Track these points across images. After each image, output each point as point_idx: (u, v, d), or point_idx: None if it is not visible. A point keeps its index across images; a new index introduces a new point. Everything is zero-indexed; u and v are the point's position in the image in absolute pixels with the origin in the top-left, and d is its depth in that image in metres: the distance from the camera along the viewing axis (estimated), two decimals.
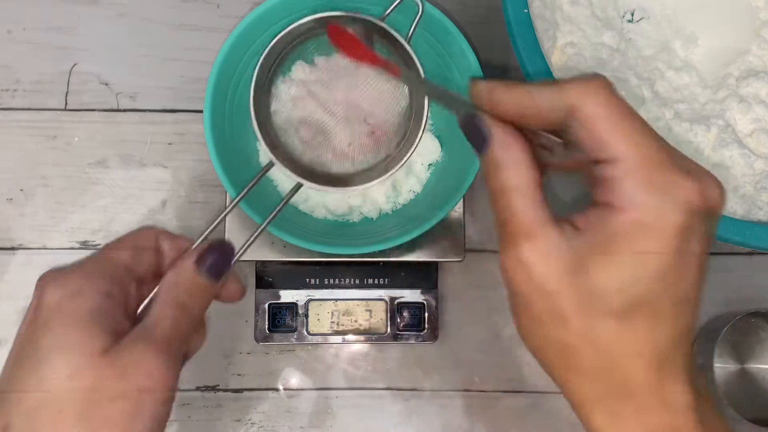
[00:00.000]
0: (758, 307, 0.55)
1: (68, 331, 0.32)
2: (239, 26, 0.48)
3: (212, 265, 0.36)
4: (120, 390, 0.32)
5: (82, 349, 0.32)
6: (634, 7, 0.51)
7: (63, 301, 0.33)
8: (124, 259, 0.36)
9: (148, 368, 0.33)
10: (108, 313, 0.34)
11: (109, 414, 0.32)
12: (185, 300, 0.35)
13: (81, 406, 0.31)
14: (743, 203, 0.48)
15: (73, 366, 0.32)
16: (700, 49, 0.51)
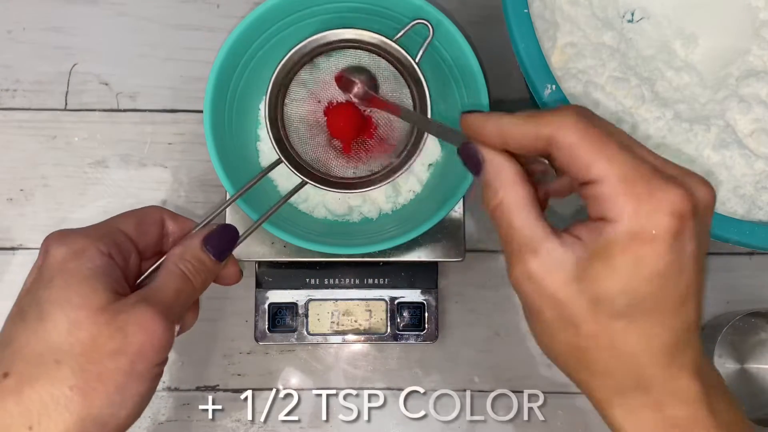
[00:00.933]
0: (758, 307, 0.55)
1: (70, 287, 0.34)
2: (239, 26, 0.48)
3: (218, 244, 0.39)
4: (118, 346, 0.33)
5: (83, 304, 0.33)
6: (634, 7, 0.51)
7: (66, 258, 0.34)
8: (128, 229, 0.38)
9: (149, 328, 0.34)
10: (109, 273, 0.35)
11: (106, 368, 0.33)
12: (190, 273, 0.37)
13: (78, 358, 0.33)
14: (743, 203, 0.48)
15: (72, 320, 0.33)
16: (700, 49, 0.51)
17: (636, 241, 0.29)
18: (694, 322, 0.32)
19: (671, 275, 0.30)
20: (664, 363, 0.31)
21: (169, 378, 0.57)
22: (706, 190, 0.31)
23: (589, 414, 0.58)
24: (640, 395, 0.32)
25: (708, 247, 0.32)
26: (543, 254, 0.31)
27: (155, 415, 0.57)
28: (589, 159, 0.30)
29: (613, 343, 0.31)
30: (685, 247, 0.30)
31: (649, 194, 0.29)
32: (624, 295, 0.30)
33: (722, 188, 0.48)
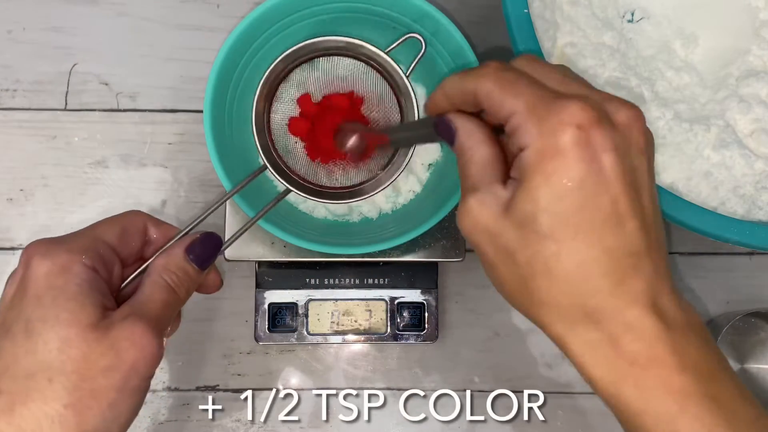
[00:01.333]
0: (758, 307, 0.55)
1: (57, 304, 0.33)
2: (239, 26, 0.48)
3: (201, 253, 0.39)
4: (110, 363, 0.33)
5: (73, 323, 0.33)
6: (634, 7, 0.51)
7: (51, 274, 0.34)
8: (110, 239, 0.38)
9: (140, 343, 0.34)
10: (96, 288, 0.35)
11: (99, 385, 0.33)
12: (174, 284, 0.37)
13: (71, 376, 0.33)
14: (743, 203, 0.48)
15: (63, 337, 0.33)
16: (700, 49, 0.51)
17: (544, 159, 0.29)
18: (642, 248, 0.30)
19: (588, 190, 0.29)
20: (607, 291, 0.30)
21: (169, 378, 0.57)
22: (627, 111, 0.31)
23: (590, 414, 0.58)
24: (593, 328, 0.31)
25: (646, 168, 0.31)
26: (481, 192, 0.32)
27: (155, 415, 0.57)
28: (502, 99, 0.31)
29: (549, 269, 0.30)
30: (599, 160, 0.29)
31: (550, 113, 0.30)
32: (543, 214, 0.30)
33: (722, 188, 0.48)
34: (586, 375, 0.31)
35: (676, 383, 0.30)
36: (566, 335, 0.31)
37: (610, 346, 0.30)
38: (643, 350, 0.30)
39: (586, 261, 0.30)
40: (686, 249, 0.59)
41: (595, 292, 0.30)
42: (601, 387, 0.31)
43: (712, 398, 0.30)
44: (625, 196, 0.30)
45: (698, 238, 0.46)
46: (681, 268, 0.59)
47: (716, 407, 0.30)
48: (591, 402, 0.58)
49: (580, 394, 0.58)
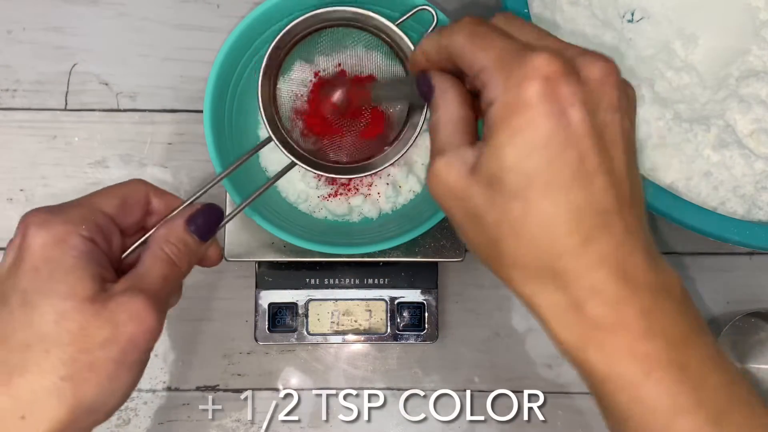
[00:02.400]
0: (758, 307, 0.55)
1: (54, 277, 0.33)
2: (239, 26, 0.48)
3: (202, 224, 0.38)
4: (109, 336, 0.33)
5: (70, 295, 0.33)
6: (634, 7, 0.51)
7: (48, 245, 0.34)
8: (110, 209, 0.37)
9: (139, 317, 0.33)
10: (94, 260, 0.34)
11: (97, 358, 0.33)
12: (175, 257, 0.37)
13: (68, 348, 0.32)
14: (743, 203, 0.48)
15: (59, 310, 0.32)
16: (700, 49, 0.51)
17: (510, 114, 0.28)
18: (612, 206, 0.29)
19: (555, 146, 0.28)
20: (573, 251, 0.29)
21: (169, 378, 0.57)
22: (600, 65, 0.30)
23: (589, 414, 0.58)
24: (559, 291, 0.29)
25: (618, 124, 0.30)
26: (449, 154, 0.31)
27: (155, 415, 0.57)
28: (472, 53, 0.31)
29: (515, 229, 0.29)
30: (567, 115, 0.28)
31: (518, 65, 0.28)
32: (510, 172, 0.29)
33: (722, 188, 0.48)
34: (553, 338, 0.31)
35: (641, 349, 0.29)
36: (534, 297, 0.30)
37: (576, 309, 0.29)
38: (607, 314, 0.29)
39: (553, 220, 0.29)
40: (686, 249, 0.59)
41: (561, 252, 0.29)
42: (567, 351, 0.30)
43: (680, 365, 0.29)
44: (592, 151, 0.28)
45: (698, 238, 0.46)
46: (681, 268, 0.59)
47: (683, 374, 0.29)
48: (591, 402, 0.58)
49: (580, 394, 0.58)
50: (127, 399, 0.35)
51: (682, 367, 0.29)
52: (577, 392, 0.58)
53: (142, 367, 0.35)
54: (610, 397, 0.30)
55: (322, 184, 0.53)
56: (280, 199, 0.54)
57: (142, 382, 0.56)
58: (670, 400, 0.29)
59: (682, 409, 0.29)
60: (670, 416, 0.29)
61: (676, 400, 0.29)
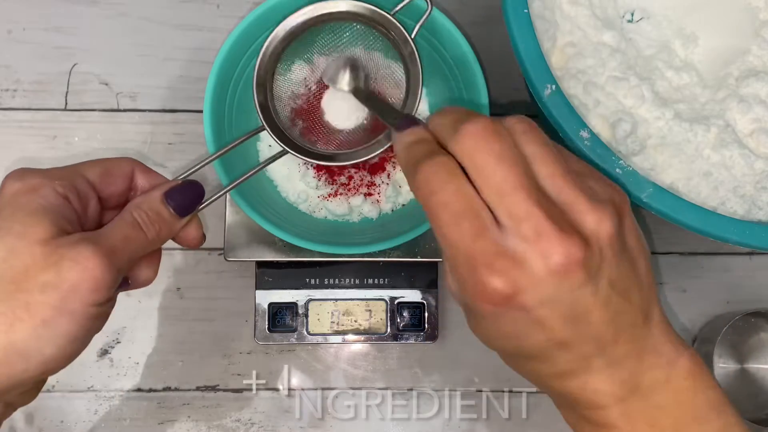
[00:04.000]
0: (758, 307, 0.55)
1: (15, 217, 0.33)
2: (239, 26, 0.48)
3: (180, 199, 0.38)
4: (50, 279, 0.32)
5: (23, 235, 0.33)
6: (634, 7, 0.51)
7: (19, 193, 0.34)
8: (91, 176, 0.37)
9: (85, 265, 0.33)
10: (60, 212, 0.34)
11: (35, 300, 0.32)
12: (143, 222, 0.37)
13: (8, 286, 0.32)
14: (743, 203, 0.48)
15: (9, 247, 0.32)
16: (700, 49, 0.51)
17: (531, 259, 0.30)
18: (592, 353, 0.32)
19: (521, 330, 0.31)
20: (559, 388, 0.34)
21: (169, 378, 0.57)
22: (594, 216, 0.30)
23: None
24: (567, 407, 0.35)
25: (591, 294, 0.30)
26: (451, 276, 0.35)
27: (155, 415, 0.57)
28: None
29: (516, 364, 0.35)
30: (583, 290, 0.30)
31: (479, 282, 0.31)
32: (488, 343, 0.35)
33: (722, 188, 0.48)
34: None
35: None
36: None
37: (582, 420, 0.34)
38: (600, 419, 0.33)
39: (540, 375, 0.34)
40: (686, 249, 0.59)
41: (553, 385, 0.34)
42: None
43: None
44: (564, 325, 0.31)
45: (698, 238, 0.46)
46: (681, 268, 0.59)
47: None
48: None
49: None
50: (72, 356, 0.34)
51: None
52: None
53: (91, 323, 0.34)
54: None
55: (322, 184, 0.53)
56: (280, 199, 0.54)
57: (142, 382, 0.57)
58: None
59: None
60: None
61: None
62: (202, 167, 0.41)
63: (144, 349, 0.57)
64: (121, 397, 0.57)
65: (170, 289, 0.58)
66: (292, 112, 0.47)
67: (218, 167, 0.47)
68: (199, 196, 0.39)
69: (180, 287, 0.58)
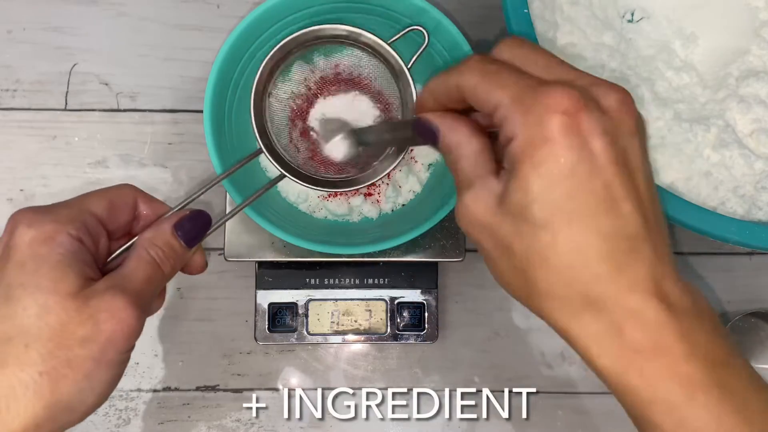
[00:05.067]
0: (758, 307, 0.55)
1: (40, 272, 0.33)
2: (239, 26, 0.48)
3: (190, 230, 0.38)
4: (88, 333, 0.33)
5: (53, 289, 0.33)
6: (634, 7, 0.51)
7: (35, 242, 0.34)
8: (99, 211, 0.37)
9: (120, 316, 0.33)
10: (80, 258, 0.34)
11: (76, 355, 0.33)
12: (160, 260, 0.37)
13: (47, 343, 0.32)
14: (743, 203, 0.48)
15: (42, 304, 0.32)
16: (700, 49, 0.51)
17: (533, 148, 0.29)
18: (641, 231, 0.29)
19: (580, 176, 0.29)
20: (608, 277, 0.29)
21: (169, 378, 0.57)
22: (615, 94, 0.30)
23: (589, 414, 0.58)
24: (595, 317, 0.30)
25: (638, 150, 0.30)
26: (476, 187, 0.32)
27: (155, 415, 0.57)
28: (487, 92, 0.31)
29: (546, 259, 0.30)
30: (590, 145, 0.29)
31: (535, 101, 0.29)
32: (536, 203, 0.29)
33: (722, 188, 0.48)
34: (592, 366, 0.31)
35: (684, 371, 0.29)
36: (569, 326, 0.30)
37: (614, 335, 0.30)
38: (648, 338, 0.29)
39: (583, 247, 0.29)
40: (686, 249, 0.59)
41: (595, 279, 0.29)
42: (607, 377, 0.30)
43: (722, 386, 0.29)
44: (617, 179, 0.29)
45: (698, 238, 0.46)
46: (681, 268, 0.59)
47: (726, 395, 0.29)
48: (591, 402, 0.58)
49: (580, 394, 0.58)
50: (106, 399, 0.35)
51: (724, 388, 0.29)
52: (578, 392, 0.58)
53: (122, 367, 0.35)
54: (654, 422, 0.30)
55: None
56: (280, 199, 0.54)
57: (141, 382, 0.57)
58: (715, 422, 0.29)
59: (728, 429, 0.29)
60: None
61: (721, 421, 0.29)
62: (207, 190, 0.42)
63: (144, 349, 0.57)
64: (121, 397, 0.57)
65: (170, 289, 0.58)
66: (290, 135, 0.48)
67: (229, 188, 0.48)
68: (207, 224, 0.40)
69: (180, 287, 0.58)
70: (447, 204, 0.49)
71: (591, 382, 0.58)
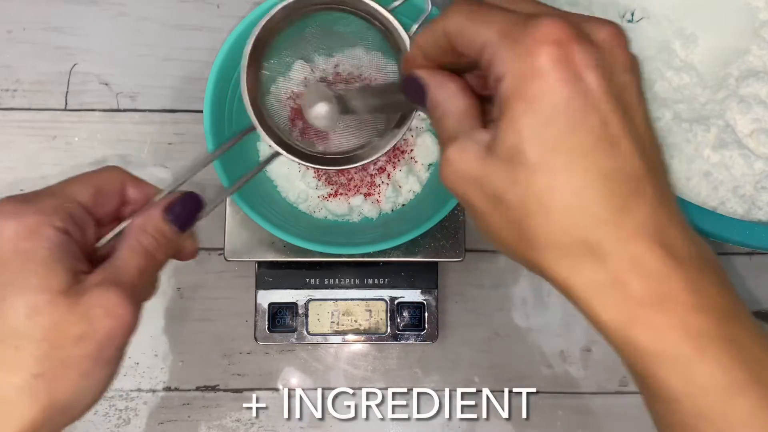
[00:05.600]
0: (758, 307, 0.55)
1: (27, 269, 0.31)
2: (239, 26, 0.48)
3: (181, 213, 0.36)
4: (83, 331, 0.31)
5: (42, 288, 0.31)
6: (634, 7, 0.51)
7: (19, 236, 0.32)
8: (84, 198, 0.35)
9: (115, 312, 0.32)
10: (67, 253, 0.33)
11: (71, 354, 0.31)
12: (152, 248, 0.35)
13: (41, 344, 0.31)
14: (743, 203, 0.48)
15: (31, 304, 0.31)
16: (700, 49, 0.51)
17: (524, 83, 0.27)
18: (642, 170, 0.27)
19: (575, 111, 0.26)
20: (609, 220, 0.27)
21: (169, 378, 0.57)
22: (608, 29, 0.28)
23: (589, 413, 0.58)
24: (597, 267, 0.27)
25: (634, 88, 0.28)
26: (462, 139, 0.29)
27: (155, 415, 0.57)
28: (473, 30, 0.29)
29: (543, 204, 0.27)
30: (584, 78, 0.27)
31: (524, 34, 0.27)
32: (530, 142, 0.27)
33: (722, 188, 0.48)
34: (594, 319, 0.28)
35: (694, 324, 0.27)
36: (570, 277, 0.28)
37: (617, 285, 0.27)
38: (653, 289, 0.27)
39: (582, 189, 0.27)
40: None
41: (596, 223, 0.27)
42: (610, 331, 0.28)
43: (732, 340, 0.27)
44: (615, 115, 0.27)
45: None
46: None
47: (736, 350, 0.27)
48: (591, 402, 0.58)
49: (580, 394, 0.58)
50: (102, 397, 0.34)
51: (734, 342, 0.27)
52: (578, 392, 0.58)
53: (119, 362, 0.34)
54: (661, 379, 0.28)
55: (322, 184, 0.53)
56: (280, 199, 0.54)
57: (141, 382, 0.57)
58: (726, 378, 0.27)
59: (739, 386, 0.27)
60: (727, 395, 0.27)
61: (732, 377, 0.27)
62: (198, 171, 0.40)
63: (144, 349, 0.57)
64: (121, 397, 0.57)
65: (170, 289, 0.58)
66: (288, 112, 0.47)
67: (219, 170, 0.47)
68: (198, 207, 0.37)
69: (180, 287, 0.58)
70: (447, 204, 0.49)
71: (591, 382, 0.58)
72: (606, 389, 0.58)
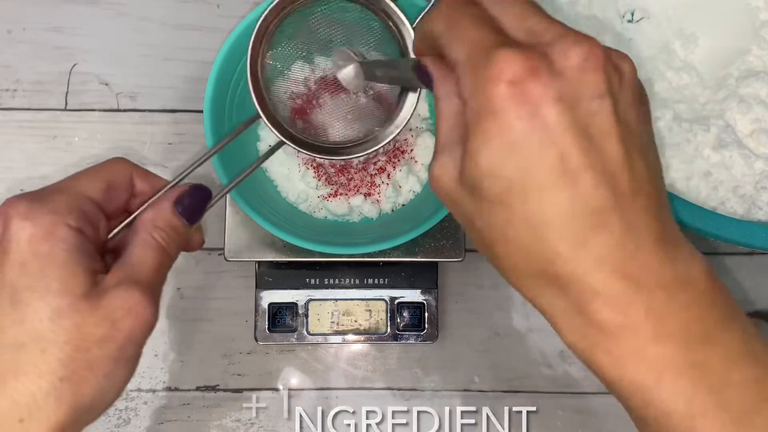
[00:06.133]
0: (758, 307, 0.55)
1: (47, 273, 0.32)
2: (239, 26, 0.48)
3: (189, 206, 0.36)
4: (106, 332, 0.32)
5: (64, 292, 0.31)
6: (634, 7, 0.51)
7: (35, 240, 0.32)
8: (95, 194, 0.35)
9: (136, 311, 0.32)
10: (84, 253, 0.33)
11: (95, 356, 0.32)
12: (165, 243, 0.35)
13: (65, 347, 0.31)
14: (743, 203, 0.48)
15: (54, 308, 0.31)
16: (700, 49, 0.51)
17: (480, 119, 0.26)
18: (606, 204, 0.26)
19: (530, 149, 0.26)
20: (566, 256, 0.27)
21: (169, 378, 0.57)
22: (577, 51, 0.26)
23: (589, 414, 0.58)
24: (559, 294, 0.28)
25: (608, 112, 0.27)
26: (445, 154, 0.29)
27: (155, 415, 0.57)
28: (447, 45, 0.29)
29: (504, 235, 0.28)
30: (541, 113, 0.26)
31: (484, 68, 0.26)
32: (488, 178, 0.27)
33: (722, 188, 0.48)
34: (561, 338, 0.29)
35: (651, 351, 0.27)
36: (537, 300, 0.29)
37: (579, 313, 0.28)
38: (612, 317, 0.27)
39: (538, 225, 0.27)
40: None
41: (553, 257, 0.27)
42: (575, 352, 0.29)
43: (697, 365, 0.27)
44: (575, 147, 0.26)
45: (698, 238, 0.46)
46: None
47: (701, 375, 0.27)
48: (591, 401, 0.58)
49: (580, 394, 0.58)
50: (124, 390, 0.35)
51: (701, 368, 0.28)
52: (578, 392, 0.58)
53: (137, 361, 0.34)
54: (624, 401, 0.29)
55: (322, 184, 0.53)
56: (280, 199, 0.54)
57: (141, 382, 0.57)
58: (686, 404, 0.28)
59: (700, 412, 0.28)
60: (688, 419, 0.28)
61: (692, 403, 0.28)
62: (200, 164, 0.40)
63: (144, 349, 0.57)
64: (121, 397, 0.57)
65: (170, 289, 0.58)
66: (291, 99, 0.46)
67: (218, 166, 0.47)
68: (206, 198, 0.38)
69: (180, 287, 0.58)
70: None
71: (591, 382, 0.58)
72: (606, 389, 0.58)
